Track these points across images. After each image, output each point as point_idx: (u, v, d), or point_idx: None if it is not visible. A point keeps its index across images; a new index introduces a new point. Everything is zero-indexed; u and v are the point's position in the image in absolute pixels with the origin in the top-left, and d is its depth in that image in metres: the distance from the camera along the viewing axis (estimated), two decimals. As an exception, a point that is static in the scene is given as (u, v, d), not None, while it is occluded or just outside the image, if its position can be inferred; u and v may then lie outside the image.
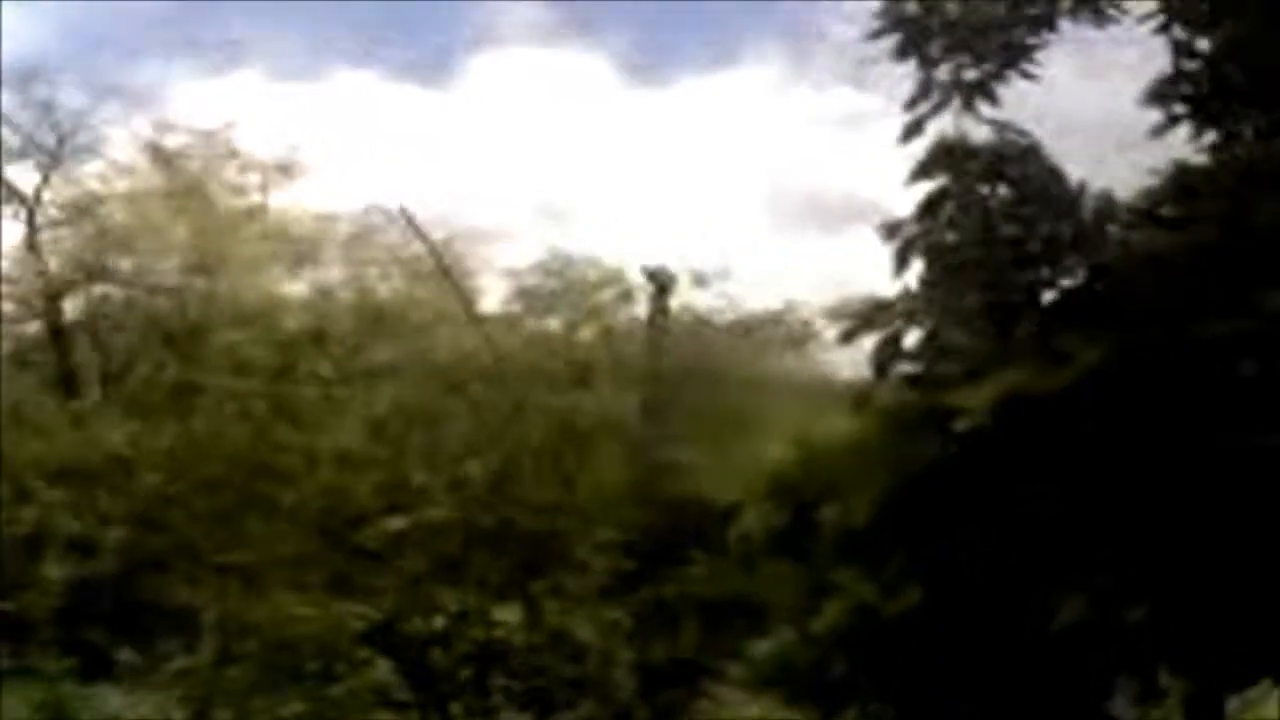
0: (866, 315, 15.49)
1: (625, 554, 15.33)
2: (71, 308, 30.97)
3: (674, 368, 21.27)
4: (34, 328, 31.20)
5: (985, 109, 16.10)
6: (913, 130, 16.20)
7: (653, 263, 24.72)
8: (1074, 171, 15.75)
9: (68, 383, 27.87)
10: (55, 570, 15.94)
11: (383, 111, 42.66)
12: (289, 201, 32.62)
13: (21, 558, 17.65)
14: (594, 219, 41.72)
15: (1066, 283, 14.75)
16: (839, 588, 13.65)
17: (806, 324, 26.64)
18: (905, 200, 16.38)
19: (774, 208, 41.40)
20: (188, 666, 13.46)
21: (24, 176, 32.57)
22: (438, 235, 30.25)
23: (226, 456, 15.61)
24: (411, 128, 42.27)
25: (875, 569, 13.52)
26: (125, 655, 14.07)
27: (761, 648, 14.39)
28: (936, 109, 16.32)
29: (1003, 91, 16.19)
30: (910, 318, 15.35)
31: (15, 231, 32.28)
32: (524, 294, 28.08)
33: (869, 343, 16.19)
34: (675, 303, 24.48)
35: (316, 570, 14.57)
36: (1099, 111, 17.94)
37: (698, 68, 51.97)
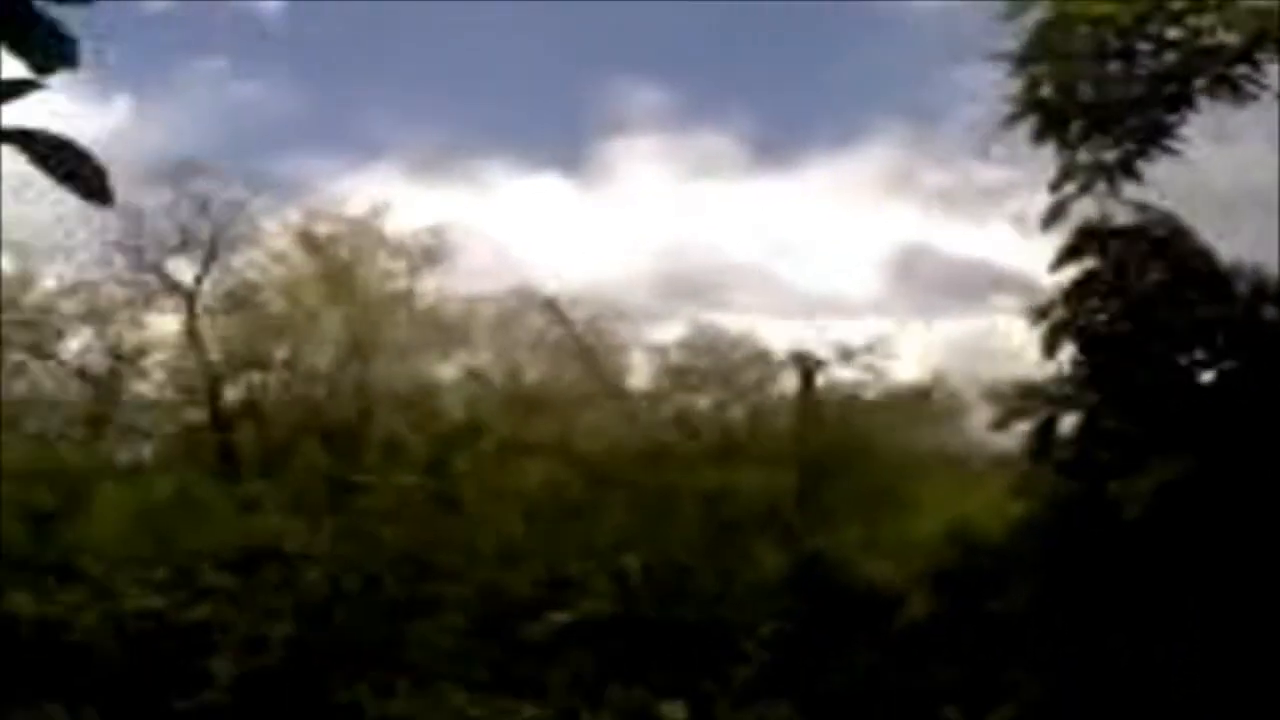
0: (1018, 401, 15.44)
1: (788, 645, 15.31)
2: (231, 395, 31.79)
3: (825, 447, 21.25)
4: (195, 415, 32.09)
5: (1128, 189, 16.05)
6: (1056, 213, 16.17)
7: (793, 338, 24.84)
8: (1223, 246, 15.57)
9: (229, 470, 28.61)
10: (228, 667, 16.37)
11: (519, 198, 43.53)
12: (436, 286, 33.26)
13: (189, 651, 18.13)
14: (733, 296, 41.96)
15: (1224, 365, 14.59)
16: (1006, 683, 13.51)
17: (953, 396, 26.45)
18: (1039, 268, 16.30)
19: (907, 282, 41.21)
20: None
21: (183, 268, 33.63)
22: (582, 315, 30.67)
23: (388, 552, 15.93)
24: (548, 212, 43.09)
25: (1043, 664, 13.40)
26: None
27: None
28: (1083, 190, 16.27)
29: (1144, 170, 16.10)
30: (1064, 402, 15.28)
31: (176, 322, 33.31)
32: (670, 371, 28.24)
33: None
34: (820, 378, 24.51)
35: (480, 666, 14.78)
36: (1244, 185, 17.71)
37: (825, 146, 52.33)
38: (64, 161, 3.87)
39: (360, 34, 43.27)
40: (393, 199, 33.60)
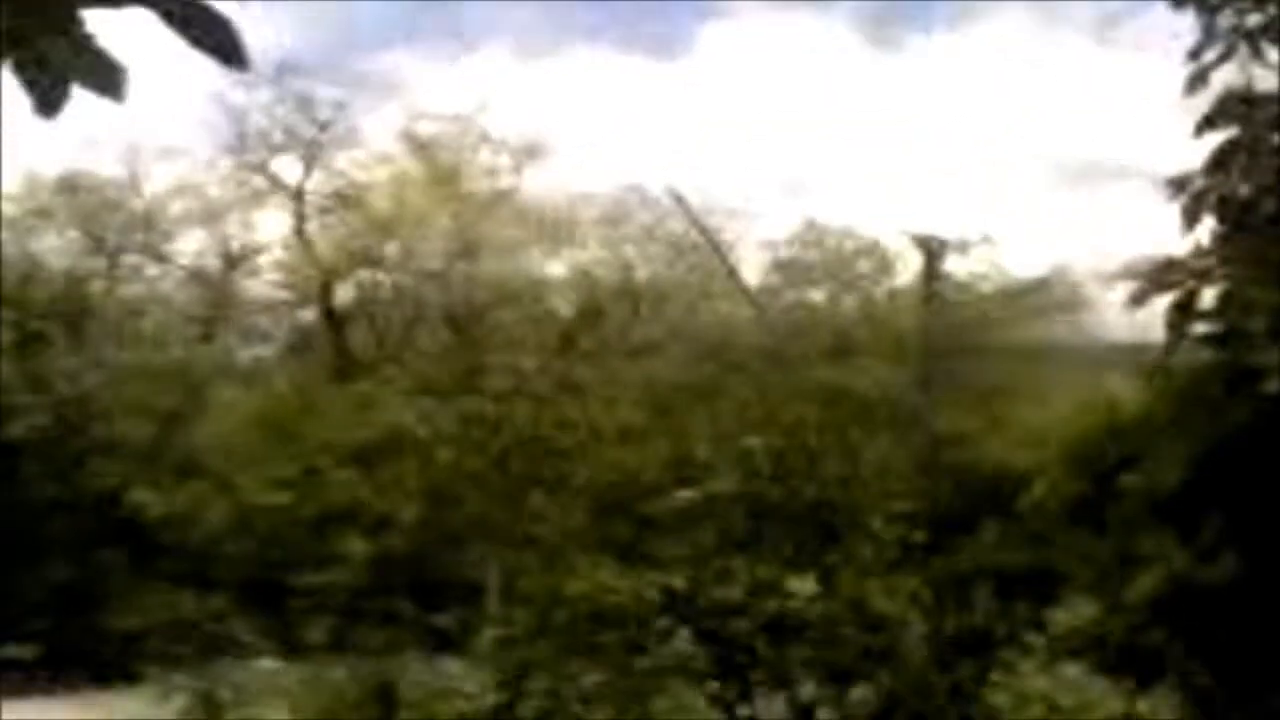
0: (1157, 275, 15.02)
1: (915, 524, 15.17)
2: (343, 294, 32.04)
3: (946, 335, 20.97)
4: (309, 314, 32.42)
5: (1272, 55, 15.49)
6: (1197, 80, 15.62)
7: (901, 230, 24.41)
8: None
9: (347, 366, 28.86)
10: (361, 547, 16.62)
11: (621, 85, 43.05)
12: (538, 182, 33.14)
13: (319, 538, 18.41)
14: (840, 187, 41.34)
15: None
16: (1145, 557, 13.27)
17: (1073, 288, 26.05)
18: (1160, 156, 15.82)
19: (1021, 168, 40.34)
20: (506, 636, 13.84)
21: (287, 169, 33.80)
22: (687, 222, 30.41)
23: (515, 433, 15.98)
24: (650, 100, 42.53)
25: (1186, 536, 13.13)
26: (443, 622, 14.61)
27: (1064, 617, 14.12)
28: (1222, 59, 15.72)
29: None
30: (1204, 276, 14.84)
31: (283, 222, 33.59)
32: (781, 267, 27.99)
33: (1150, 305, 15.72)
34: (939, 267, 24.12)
35: (607, 543, 14.84)
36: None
37: (935, 26, 51.04)
38: (196, 22, 3.63)
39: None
40: (492, 91, 33.50)
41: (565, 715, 13.94)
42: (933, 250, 20.43)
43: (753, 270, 28.71)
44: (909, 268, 24.54)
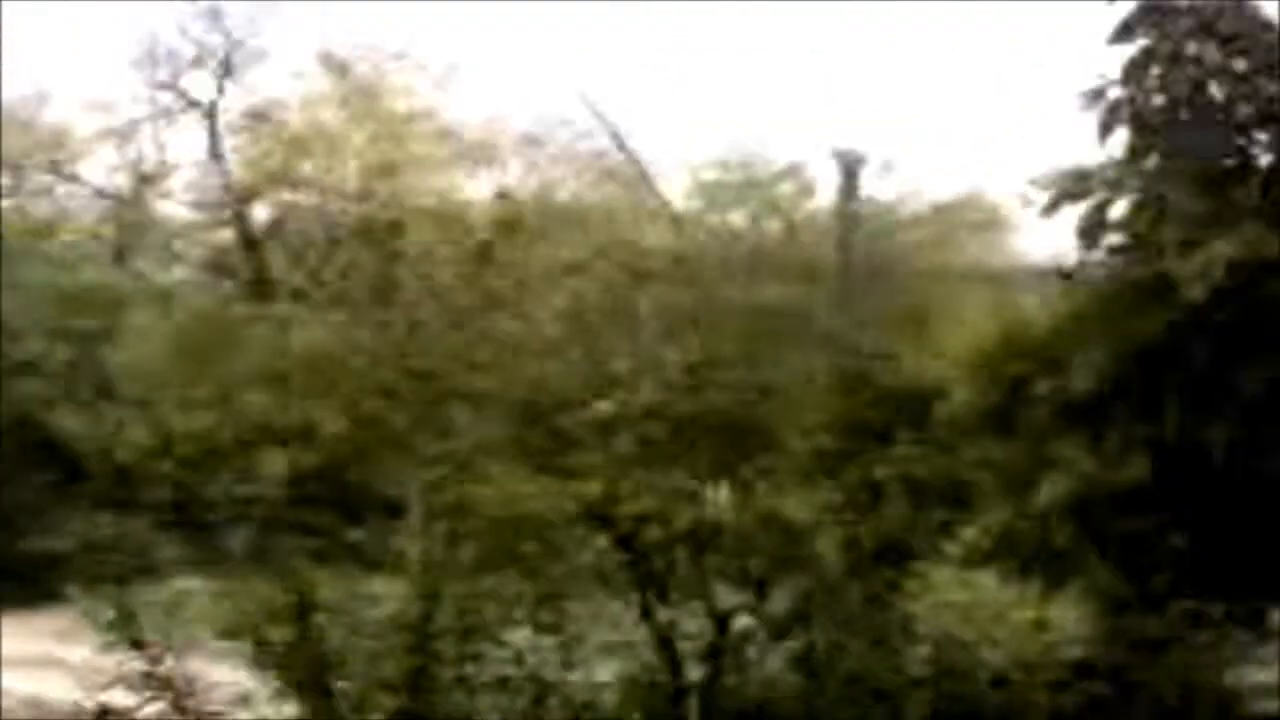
0: (1070, 185, 15.16)
1: (829, 436, 15.35)
2: (259, 213, 31.59)
3: (865, 256, 21.09)
4: (224, 234, 31.93)
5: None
6: (1114, -10, 15.66)
7: (822, 148, 24.43)
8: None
9: (263, 288, 28.48)
10: (277, 462, 16.57)
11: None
12: (456, 98, 32.65)
13: (239, 460, 18.30)
14: (762, 107, 41.06)
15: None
16: (1056, 461, 13.51)
17: (993, 210, 26.27)
18: (1082, 68, 15.89)
19: (944, 84, 40.21)
20: (424, 546, 13.91)
21: (199, 86, 33.09)
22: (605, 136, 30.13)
23: (431, 347, 15.95)
24: (556, 20, 41.73)
25: (1096, 441, 13.36)
26: (357, 536, 14.66)
27: (975, 524, 14.35)
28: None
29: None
30: (1116, 186, 15.01)
31: (197, 141, 32.95)
32: (703, 188, 27.92)
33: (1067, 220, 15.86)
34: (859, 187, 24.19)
35: (525, 455, 14.88)
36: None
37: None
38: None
39: None
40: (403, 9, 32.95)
41: (482, 623, 14.07)
42: (850, 166, 20.57)
43: (674, 192, 28.62)
44: (831, 190, 24.61)
